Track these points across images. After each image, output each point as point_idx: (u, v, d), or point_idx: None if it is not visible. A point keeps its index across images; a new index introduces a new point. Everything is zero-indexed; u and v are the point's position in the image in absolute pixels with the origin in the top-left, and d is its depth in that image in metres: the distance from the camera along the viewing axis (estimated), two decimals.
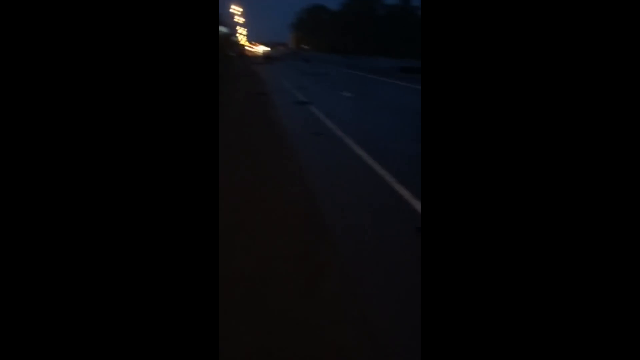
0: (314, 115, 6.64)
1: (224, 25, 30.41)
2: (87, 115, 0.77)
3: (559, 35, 0.74)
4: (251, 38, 68.41)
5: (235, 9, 36.05)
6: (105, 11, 0.77)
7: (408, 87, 11.03)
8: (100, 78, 0.77)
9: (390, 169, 3.72)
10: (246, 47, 34.62)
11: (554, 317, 0.73)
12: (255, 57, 25.30)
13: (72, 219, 0.76)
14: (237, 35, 42.76)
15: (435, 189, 0.80)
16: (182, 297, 0.79)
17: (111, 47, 0.78)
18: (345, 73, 15.46)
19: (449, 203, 0.78)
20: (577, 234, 0.73)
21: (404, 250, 2.25)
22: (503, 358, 0.74)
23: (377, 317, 1.68)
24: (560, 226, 0.73)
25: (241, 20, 41.61)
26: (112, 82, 0.78)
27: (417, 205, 2.87)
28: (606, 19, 0.72)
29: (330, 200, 3.04)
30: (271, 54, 39.92)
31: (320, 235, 2.45)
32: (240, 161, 4.08)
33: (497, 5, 0.77)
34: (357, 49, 35.57)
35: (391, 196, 3.12)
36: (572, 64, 0.74)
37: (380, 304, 1.78)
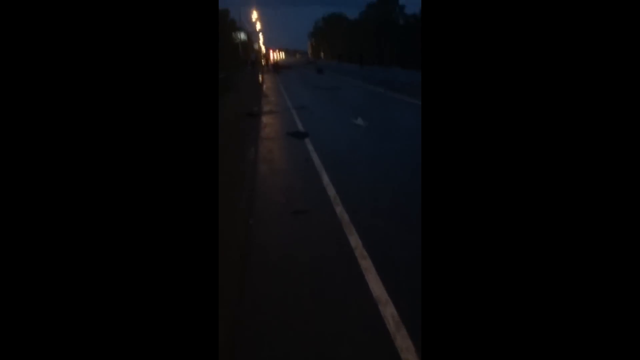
0: (308, 165, 4.41)
1: (243, 31, 29.76)
2: (88, 108, 0.78)
3: (560, 41, 0.76)
4: (270, 45, 68.03)
5: (254, 17, 35.07)
6: (105, 13, 0.78)
7: None
8: (101, 77, 0.78)
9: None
10: (262, 54, 33.69)
11: (554, 317, 0.74)
12: (268, 65, 23.83)
13: (69, 212, 0.76)
14: (257, 42, 42.33)
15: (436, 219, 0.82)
16: (182, 295, 0.80)
17: (112, 49, 0.79)
18: (361, 88, 13.19)
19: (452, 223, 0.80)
20: (575, 236, 0.74)
21: None
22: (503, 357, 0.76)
23: None
24: (560, 226, 0.75)
25: (260, 27, 40.85)
26: (113, 82, 0.79)
27: None
28: (606, 19, 0.73)
29: None
30: (285, 62, 38.78)
31: None
32: None
33: (495, 13, 0.79)
34: (375, 59, 33.60)
35: None
36: (574, 72, 0.75)
37: None
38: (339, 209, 3.04)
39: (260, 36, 45.78)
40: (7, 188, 0.74)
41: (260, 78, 17.94)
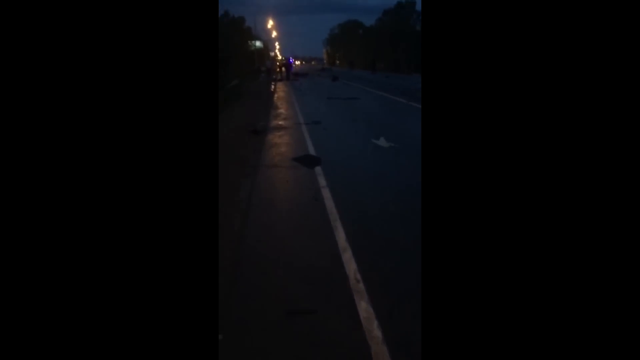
0: (316, 208, 3.31)
1: (259, 39, 29.61)
2: (87, 110, 0.79)
3: (561, 42, 0.76)
4: (286, 52, 68.15)
5: (270, 24, 34.91)
6: (105, 13, 0.79)
7: None
8: (101, 76, 0.79)
9: None
10: (277, 62, 33.27)
11: (554, 318, 0.74)
12: (284, 73, 23.25)
13: (69, 212, 0.77)
14: (273, 50, 42.52)
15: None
16: (183, 294, 0.81)
17: (112, 49, 0.79)
18: (381, 98, 12.06)
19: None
20: (576, 242, 0.74)
21: None
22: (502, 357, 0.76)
23: None
24: (559, 227, 0.75)
25: (275, 34, 40.79)
26: (112, 82, 0.79)
27: None
28: (606, 19, 0.74)
29: None
30: (300, 69, 38.52)
31: None
32: None
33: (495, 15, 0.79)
34: (393, 66, 32.49)
35: None
36: (575, 73, 0.76)
37: None
38: (364, 308, 1.92)
39: (276, 44, 45.71)
40: (6, 188, 0.74)
41: (272, 87, 17.03)
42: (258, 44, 29.66)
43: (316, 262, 2.39)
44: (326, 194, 3.57)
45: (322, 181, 3.93)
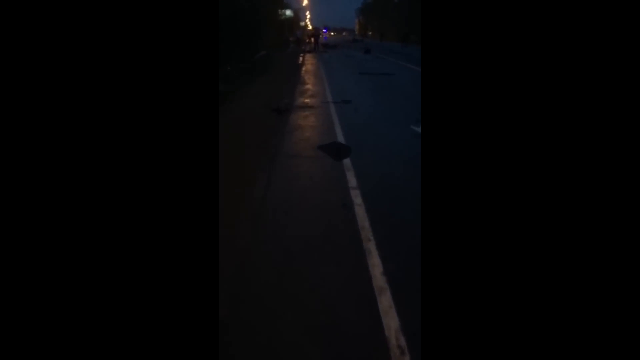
0: (345, 222, 2.66)
1: (289, 8, 28.64)
2: (86, 106, 0.78)
3: (561, 41, 0.75)
4: (316, 22, 66.41)
5: None
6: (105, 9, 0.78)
7: None
8: (100, 73, 0.78)
9: None
10: (307, 32, 32.12)
11: (554, 319, 0.74)
12: (312, 44, 22.37)
13: (68, 211, 0.77)
14: (305, 20, 41.51)
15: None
16: (182, 293, 0.80)
17: (110, 40, 0.78)
18: (416, 75, 10.99)
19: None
20: (575, 237, 0.74)
21: None
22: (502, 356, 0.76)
23: None
24: (559, 227, 0.75)
25: (306, 2, 39.52)
26: (111, 77, 0.79)
27: None
28: (606, 19, 0.73)
29: None
30: (330, 41, 37.30)
31: None
32: None
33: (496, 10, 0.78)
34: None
35: None
36: (576, 71, 0.75)
37: None
38: None
39: (307, 13, 44.25)
40: (6, 188, 0.74)
41: (300, 59, 16.13)
42: (288, 12, 28.65)
43: (342, 312, 1.75)
44: (356, 198, 2.90)
45: (351, 179, 3.25)
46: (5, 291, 0.73)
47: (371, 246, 2.26)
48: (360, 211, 2.69)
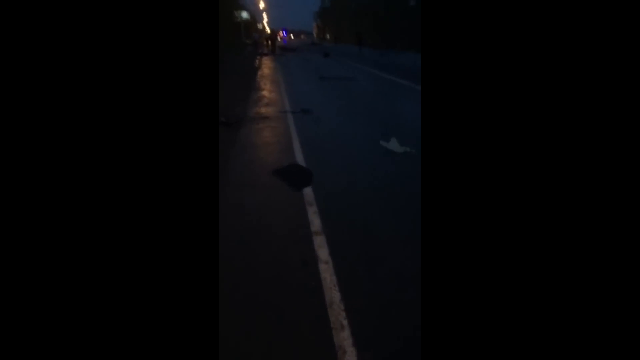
0: (308, 285, 1.93)
1: (245, 9, 27.68)
2: (84, 106, 0.77)
3: (562, 40, 0.75)
4: (275, 25, 65.70)
5: None
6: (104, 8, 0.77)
7: None
8: (99, 71, 0.77)
9: None
10: (265, 35, 31.28)
11: (554, 319, 0.73)
12: (270, 47, 21.63)
13: (67, 210, 0.75)
14: (261, 22, 40.77)
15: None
16: (182, 293, 0.79)
17: (108, 36, 0.77)
18: (380, 80, 10.50)
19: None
20: (575, 237, 0.73)
21: None
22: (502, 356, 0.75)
23: None
24: (559, 227, 0.74)
25: (263, 5, 38.75)
26: (110, 73, 0.78)
27: None
28: (606, 19, 0.72)
29: None
30: (289, 44, 36.79)
31: None
32: None
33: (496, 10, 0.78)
34: (385, 42, 30.60)
35: None
36: (576, 70, 0.74)
37: None
38: None
39: (264, 15, 43.37)
40: (6, 188, 0.73)
41: (257, 62, 15.27)
42: (244, 14, 27.72)
43: None
44: (321, 249, 2.19)
45: (314, 219, 2.54)
46: (5, 291, 0.71)
47: (345, 335, 1.55)
48: (327, 274, 1.98)
